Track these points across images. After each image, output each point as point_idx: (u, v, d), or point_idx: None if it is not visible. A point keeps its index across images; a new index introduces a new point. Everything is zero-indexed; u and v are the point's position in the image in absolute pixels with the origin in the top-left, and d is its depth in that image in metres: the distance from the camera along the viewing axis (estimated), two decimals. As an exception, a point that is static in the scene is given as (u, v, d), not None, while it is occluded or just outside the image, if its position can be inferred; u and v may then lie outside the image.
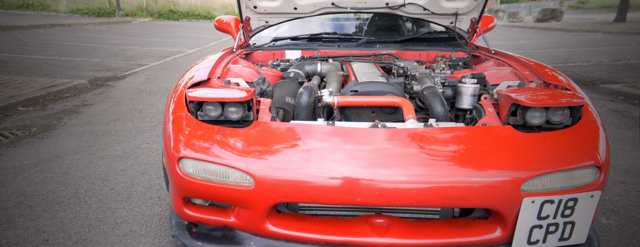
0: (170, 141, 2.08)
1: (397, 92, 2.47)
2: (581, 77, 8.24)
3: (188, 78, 2.57)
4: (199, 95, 2.11)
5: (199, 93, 2.15)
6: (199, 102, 2.17)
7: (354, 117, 2.52)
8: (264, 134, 2.04)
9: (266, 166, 1.90)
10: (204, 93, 2.15)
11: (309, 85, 2.52)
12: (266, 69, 3.16)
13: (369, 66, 3.04)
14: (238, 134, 2.04)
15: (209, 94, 2.12)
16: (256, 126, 2.10)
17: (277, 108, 2.46)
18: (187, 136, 2.07)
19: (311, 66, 3.07)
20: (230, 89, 2.27)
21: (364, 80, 2.54)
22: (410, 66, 2.97)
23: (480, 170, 1.88)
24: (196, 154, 1.99)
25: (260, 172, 1.90)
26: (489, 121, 2.21)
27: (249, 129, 2.07)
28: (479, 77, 2.66)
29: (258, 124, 2.11)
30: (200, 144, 2.02)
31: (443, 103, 2.37)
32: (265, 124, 2.11)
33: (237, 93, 2.13)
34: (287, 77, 2.83)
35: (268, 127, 2.08)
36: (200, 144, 2.02)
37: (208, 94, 2.12)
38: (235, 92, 2.14)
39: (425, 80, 2.63)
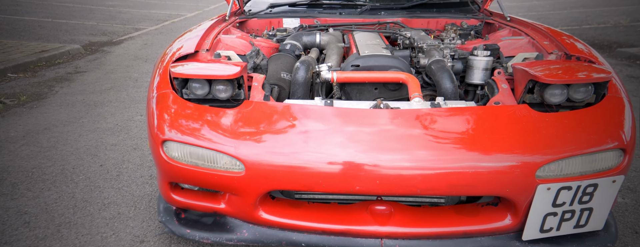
0: (154, 121, 1.94)
1: (402, 66, 2.30)
2: (597, 41, 7.96)
3: (176, 49, 2.40)
4: (183, 71, 1.96)
5: (183, 69, 1.99)
6: (184, 79, 2.02)
7: (355, 94, 2.36)
8: (256, 115, 1.90)
9: (258, 151, 1.77)
10: (189, 69, 1.99)
11: (306, 59, 2.34)
12: (261, 40, 2.97)
13: (372, 37, 2.85)
14: (227, 115, 1.89)
15: (194, 71, 1.96)
16: (247, 105, 1.94)
17: (271, 84, 2.30)
18: (172, 116, 1.93)
19: (309, 37, 2.89)
20: (220, 63, 2.11)
21: (366, 54, 2.37)
22: (417, 36, 2.77)
23: (491, 155, 1.73)
24: (182, 137, 1.85)
25: (251, 157, 1.77)
26: (503, 99, 2.04)
27: (239, 109, 1.92)
28: (492, 49, 2.48)
29: (249, 103, 1.96)
30: (186, 125, 1.88)
31: (452, 79, 2.20)
32: (257, 104, 1.95)
33: (225, 69, 1.97)
34: (283, 50, 2.65)
35: (260, 108, 1.93)
36: (186, 126, 1.88)
37: (193, 71, 1.96)
38: (224, 69, 1.98)
39: (433, 53, 2.45)
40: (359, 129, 1.81)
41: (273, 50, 2.89)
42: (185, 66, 2.04)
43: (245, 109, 1.92)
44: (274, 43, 2.95)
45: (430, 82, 2.44)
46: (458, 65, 2.45)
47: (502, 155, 1.74)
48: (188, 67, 2.04)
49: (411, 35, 2.89)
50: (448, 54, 2.48)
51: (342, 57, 2.73)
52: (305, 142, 1.77)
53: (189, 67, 2.02)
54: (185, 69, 2.00)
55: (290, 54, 2.62)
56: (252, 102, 1.97)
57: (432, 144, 1.76)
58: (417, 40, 2.70)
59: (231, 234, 1.96)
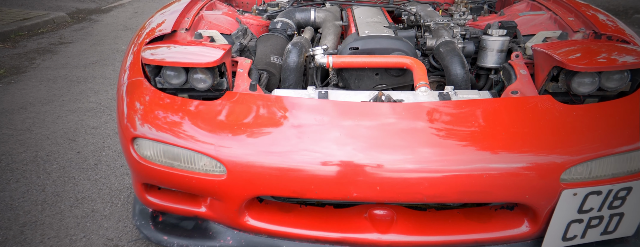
0: (124, 114, 1.72)
1: (407, 49, 2.05)
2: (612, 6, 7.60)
3: (152, 26, 2.16)
4: (155, 57, 1.72)
5: (156, 54, 1.75)
6: (158, 66, 1.78)
7: (353, 80, 2.13)
8: (239, 108, 1.67)
9: (241, 151, 1.56)
10: (162, 54, 1.75)
11: (298, 41, 2.10)
12: (249, 16, 2.70)
13: (373, 13, 2.58)
14: (206, 109, 1.67)
15: (167, 56, 1.73)
16: (230, 97, 1.72)
17: (259, 70, 2.07)
18: (144, 108, 1.71)
19: (303, 14, 2.62)
20: (200, 46, 1.87)
21: (366, 34, 2.12)
22: (423, 12, 2.51)
23: (508, 155, 1.52)
24: (155, 133, 1.63)
25: (234, 158, 1.56)
26: (521, 88, 1.81)
27: (220, 101, 1.70)
28: (508, 27, 2.22)
29: (232, 95, 1.73)
30: (160, 120, 1.66)
31: (463, 64, 1.96)
32: (241, 96, 1.72)
33: (204, 55, 1.73)
34: (273, 29, 2.39)
35: (244, 100, 1.71)
36: (159, 121, 1.66)
37: (167, 56, 1.73)
38: (203, 54, 1.75)
39: (441, 33, 2.19)
40: (356, 126, 1.59)
41: (263, 28, 2.63)
42: (159, 50, 1.80)
43: (227, 102, 1.69)
44: (264, 20, 2.69)
45: (437, 66, 2.20)
46: (469, 47, 2.20)
47: (522, 155, 1.53)
48: (161, 51, 1.80)
49: (417, 10, 2.63)
50: (458, 34, 2.23)
51: (340, 37, 2.47)
52: (295, 141, 1.56)
53: (162, 52, 1.78)
54: (157, 53, 1.76)
55: (281, 33, 2.36)
56: (235, 93, 1.73)
57: (440, 143, 1.55)
58: (424, 16, 2.44)
59: (214, 242, 1.77)
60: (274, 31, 2.37)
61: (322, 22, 2.54)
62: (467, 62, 2.22)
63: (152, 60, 1.70)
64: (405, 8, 2.67)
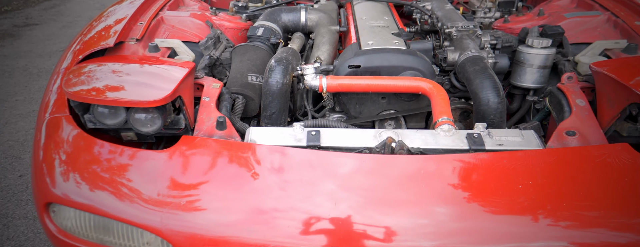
0: (39, 167, 1.27)
1: (423, 68, 1.59)
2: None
3: (91, 35, 1.69)
4: (80, 89, 1.26)
5: (82, 83, 1.29)
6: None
7: (353, 105, 1.67)
8: (198, 161, 1.22)
9: (198, 225, 1.12)
10: (92, 83, 1.29)
11: (283, 56, 1.62)
12: (225, 17, 2.20)
13: (379, 12, 2.10)
14: (152, 162, 1.22)
15: (98, 87, 1.27)
16: (187, 143, 1.26)
17: (234, 93, 1.61)
18: (66, 160, 1.25)
19: (291, 15, 2.12)
20: (152, 66, 1.41)
21: (369, 47, 1.65)
22: (441, 12, 2.03)
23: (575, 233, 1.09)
24: (79, 197, 1.19)
25: (186, 233, 1.12)
26: (580, 127, 1.36)
27: (172, 151, 1.24)
28: (553, 34, 1.76)
29: (190, 140, 1.27)
30: (86, 178, 1.21)
31: (497, 90, 1.50)
32: (201, 142, 1.27)
33: (152, 85, 1.28)
34: (253, 37, 1.90)
35: (206, 148, 1.25)
36: (86, 179, 1.21)
37: (97, 87, 1.26)
38: (151, 82, 1.29)
39: (466, 44, 1.72)
40: (356, 192, 1.14)
41: (242, 32, 2.14)
42: (89, 76, 1.34)
43: (181, 152, 1.24)
44: (242, 22, 2.19)
45: (460, 86, 1.74)
46: (503, 62, 1.73)
47: (592, 231, 1.10)
48: (92, 77, 1.33)
49: (433, 7, 2.15)
50: (487, 44, 1.76)
51: (337, 47, 2.00)
52: (272, 215, 1.11)
53: (92, 79, 1.32)
54: (85, 82, 1.29)
55: (263, 43, 1.88)
56: (192, 139, 1.27)
57: (476, 218, 1.11)
58: (442, 19, 1.96)
59: None
60: (253, 40, 1.88)
61: (314, 26, 2.06)
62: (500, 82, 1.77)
63: (76, 94, 1.24)
64: (417, 6, 2.19)
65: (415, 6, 2.21)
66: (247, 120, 1.74)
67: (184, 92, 1.37)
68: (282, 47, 1.76)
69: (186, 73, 1.37)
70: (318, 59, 1.77)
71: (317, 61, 1.77)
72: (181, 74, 1.35)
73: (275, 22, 2.02)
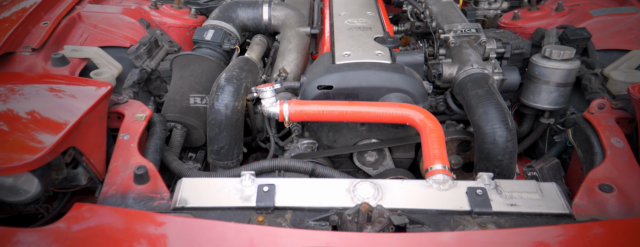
0: None
1: (412, 88, 1.25)
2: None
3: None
4: None
5: None
6: None
7: (326, 133, 1.35)
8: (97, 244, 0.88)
9: None
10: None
11: (234, 73, 1.27)
12: (169, 10, 1.79)
13: (361, 6, 1.72)
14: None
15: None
16: (72, 220, 0.91)
17: (170, 121, 1.27)
18: None
19: (250, 11, 1.71)
20: (45, 94, 1.06)
21: (345, 61, 1.30)
22: (437, 7, 1.66)
23: None
24: None
25: None
26: (619, 179, 1.05)
27: (48, 231, 0.90)
28: (576, 39, 1.41)
29: (78, 216, 0.92)
30: None
31: (506, 121, 1.16)
32: (92, 215, 0.92)
33: (15, 146, 0.93)
34: (200, 42, 1.52)
35: (103, 227, 0.91)
36: None
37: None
38: (15, 137, 0.94)
39: (466, 56, 1.35)
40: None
41: (192, 31, 1.76)
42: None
43: (58, 234, 0.89)
44: (191, 18, 1.81)
45: (458, 110, 1.40)
46: (512, 78, 1.38)
47: None
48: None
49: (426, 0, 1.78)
50: (492, 54, 1.41)
51: (307, 53, 1.63)
52: None
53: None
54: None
55: (213, 50, 1.51)
56: (86, 209, 0.93)
57: None
58: (437, 16, 1.60)
59: None
60: (200, 45, 1.51)
61: (280, 26, 1.68)
62: (508, 102, 1.44)
63: None
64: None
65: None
66: (192, 150, 1.40)
67: (87, 133, 1.02)
68: (237, 57, 1.40)
69: (92, 105, 1.02)
70: (282, 72, 1.42)
71: (281, 75, 1.41)
72: (82, 108, 1.00)
73: (230, 20, 1.64)
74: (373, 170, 1.42)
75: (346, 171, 1.47)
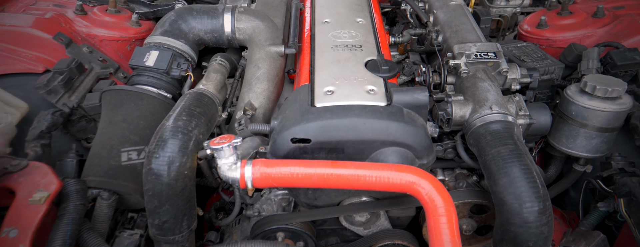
0: None
1: (412, 140, 0.95)
2: None
3: None
4: None
5: None
6: None
7: (304, 190, 1.05)
8: None
9: None
10: None
11: (181, 120, 0.94)
12: (101, 16, 1.41)
13: (351, 11, 1.37)
14: None
15: None
16: None
17: (92, 189, 0.97)
18: None
19: (207, 22, 1.31)
20: None
21: (328, 104, 0.99)
22: (444, 14, 1.33)
23: None
24: None
25: None
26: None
27: None
28: (626, 64, 1.11)
29: None
30: None
31: (538, 193, 0.87)
32: None
33: None
34: (140, 69, 1.18)
35: None
36: None
37: None
38: None
39: (482, 92, 1.03)
40: None
41: (136, 43, 1.40)
42: None
43: None
44: (133, 27, 1.44)
45: (471, 162, 1.09)
46: (542, 120, 1.07)
47: None
48: None
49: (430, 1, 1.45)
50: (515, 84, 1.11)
51: (281, 81, 1.29)
52: None
53: None
54: None
55: (158, 79, 1.17)
56: None
57: None
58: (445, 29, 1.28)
59: None
60: (140, 74, 1.17)
61: (246, 41, 1.32)
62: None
63: None
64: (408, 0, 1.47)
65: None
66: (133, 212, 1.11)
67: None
68: (189, 93, 1.07)
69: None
70: (248, 109, 1.11)
71: (246, 113, 1.10)
72: None
73: (181, 35, 1.27)
74: (364, 230, 1.14)
75: (331, 228, 1.19)
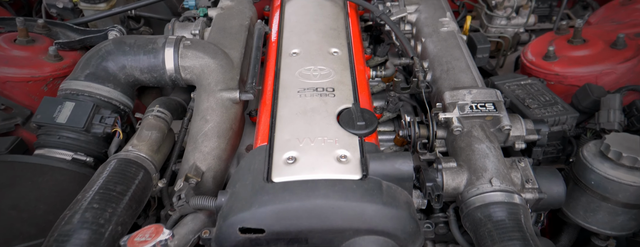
0: None
1: (393, 228, 0.75)
2: None
3: None
4: None
5: None
6: None
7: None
8: None
9: None
10: None
11: (91, 208, 0.72)
12: (8, 48, 1.12)
13: (320, 44, 1.15)
14: None
15: None
16: None
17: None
18: None
19: (141, 59, 1.03)
20: None
21: (287, 179, 0.79)
22: (433, 43, 1.11)
23: None
24: None
25: None
26: None
27: None
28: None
29: None
30: None
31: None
32: None
33: None
34: (48, 127, 0.92)
35: None
36: None
37: None
38: None
39: (480, 158, 0.81)
40: None
41: (52, 84, 1.14)
42: None
43: None
44: (50, 62, 1.15)
45: (466, 244, 0.88)
46: (554, 192, 0.86)
47: None
48: None
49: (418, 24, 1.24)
50: (519, 143, 0.91)
51: (237, 136, 1.06)
52: None
53: None
54: None
55: (73, 141, 0.89)
56: None
57: None
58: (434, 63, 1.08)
59: None
60: (48, 133, 0.94)
61: (194, 81, 1.06)
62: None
63: None
64: (387, 20, 1.22)
65: (383, 19, 1.25)
66: None
67: None
68: (112, 159, 0.85)
69: None
70: (192, 176, 0.89)
71: (189, 181, 0.89)
72: None
73: (108, 78, 1.01)
74: None
75: None
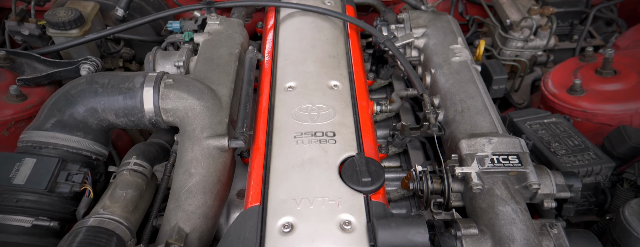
0: None
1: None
2: None
3: None
4: None
5: None
6: None
7: None
8: None
9: None
10: None
11: None
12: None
13: (318, 75, 1.02)
14: None
15: None
16: None
17: None
18: None
19: (116, 100, 0.89)
20: None
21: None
22: (444, 77, 1.00)
23: None
24: None
25: None
26: None
27: None
28: None
29: None
30: None
31: None
32: None
33: None
34: (3, 190, 0.80)
35: None
36: None
37: None
38: None
39: (505, 230, 0.68)
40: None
41: (13, 127, 1.00)
42: None
43: None
44: (12, 103, 1.03)
45: None
46: None
47: None
48: None
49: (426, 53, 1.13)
50: (549, 202, 0.80)
51: (225, 189, 0.94)
52: None
53: None
54: None
55: (33, 203, 0.77)
56: None
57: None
58: (446, 100, 0.97)
59: None
60: (3, 196, 0.80)
61: (178, 124, 0.93)
62: None
63: None
64: (391, 47, 1.09)
65: (388, 47, 1.12)
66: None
67: None
68: (78, 226, 0.75)
69: None
70: (174, 241, 0.78)
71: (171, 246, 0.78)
72: None
73: (77, 126, 0.88)
74: None
75: None
